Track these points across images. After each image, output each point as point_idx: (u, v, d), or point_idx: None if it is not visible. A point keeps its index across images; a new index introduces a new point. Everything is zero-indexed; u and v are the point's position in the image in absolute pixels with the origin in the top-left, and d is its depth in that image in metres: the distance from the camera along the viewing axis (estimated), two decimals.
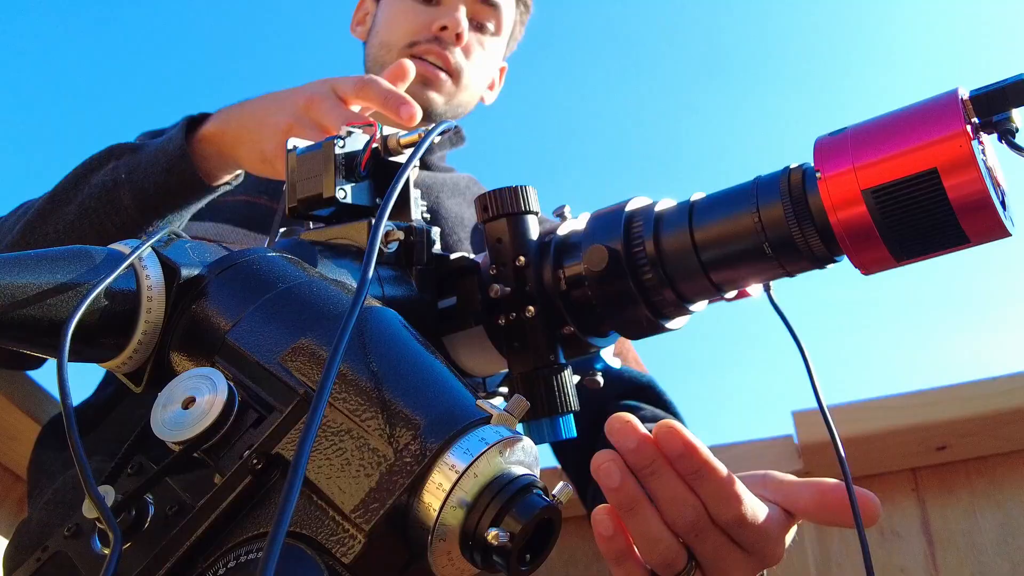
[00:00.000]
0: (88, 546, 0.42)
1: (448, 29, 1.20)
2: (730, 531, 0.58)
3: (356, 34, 1.36)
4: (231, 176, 0.97)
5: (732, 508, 0.57)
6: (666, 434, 0.57)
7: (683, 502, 0.57)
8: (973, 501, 1.34)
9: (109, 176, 0.94)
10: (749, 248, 0.56)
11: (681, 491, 0.57)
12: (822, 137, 0.54)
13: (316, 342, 0.42)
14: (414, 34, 1.22)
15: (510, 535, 0.37)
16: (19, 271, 0.42)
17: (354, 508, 0.38)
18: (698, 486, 0.57)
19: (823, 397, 0.61)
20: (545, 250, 0.63)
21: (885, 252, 0.52)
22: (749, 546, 0.59)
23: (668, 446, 0.57)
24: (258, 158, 0.89)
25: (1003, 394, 1.28)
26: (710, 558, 0.58)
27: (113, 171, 0.95)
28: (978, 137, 0.50)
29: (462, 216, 1.23)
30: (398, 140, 0.63)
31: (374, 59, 1.26)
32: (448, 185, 1.27)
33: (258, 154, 0.88)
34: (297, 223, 0.64)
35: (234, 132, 0.92)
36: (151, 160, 0.93)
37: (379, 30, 1.28)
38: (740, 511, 0.57)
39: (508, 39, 1.36)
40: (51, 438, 1.09)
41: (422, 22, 1.22)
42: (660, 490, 0.57)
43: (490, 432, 0.40)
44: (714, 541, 0.58)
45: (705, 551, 0.58)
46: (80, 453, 0.38)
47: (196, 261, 0.48)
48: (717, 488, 0.57)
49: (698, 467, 0.56)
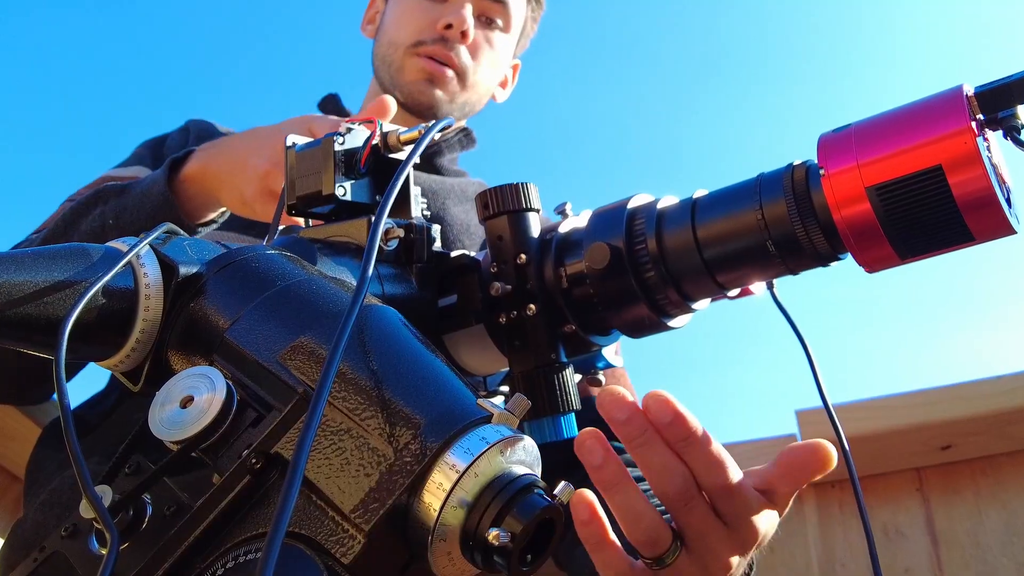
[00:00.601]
0: (85, 546, 0.42)
1: (453, 27, 1.20)
2: (716, 501, 0.59)
3: (366, 33, 1.36)
4: (216, 214, 0.99)
5: (720, 474, 0.58)
6: (656, 403, 0.58)
7: (673, 470, 0.58)
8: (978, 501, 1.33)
9: (97, 222, 0.97)
10: (752, 246, 0.56)
11: (671, 459, 0.58)
12: (826, 134, 0.54)
13: (315, 340, 0.42)
14: (420, 33, 1.22)
15: (511, 535, 0.37)
16: (16, 269, 0.42)
17: (354, 508, 0.37)
18: (687, 453, 0.58)
19: (828, 396, 0.60)
20: (546, 248, 0.62)
21: (889, 250, 0.52)
22: (732, 520, 0.59)
23: (658, 415, 0.58)
24: (239, 201, 0.90)
25: (1008, 393, 1.28)
26: (696, 532, 0.59)
27: (101, 216, 0.97)
28: (983, 134, 0.49)
29: (468, 223, 1.23)
30: (398, 137, 0.63)
31: (382, 58, 1.26)
32: (456, 191, 1.27)
33: (238, 197, 0.89)
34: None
35: (214, 174, 0.93)
36: (137, 204, 0.95)
37: (387, 28, 1.27)
38: (727, 477, 0.58)
39: (519, 36, 1.35)
40: (51, 438, 1.09)
41: (428, 20, 1.22)
42: (651, 459, 0.58)
43: (491, 431, 0.40)
44: (700, 512, 0.59)
45: (691, 523, 0.59)
46: (77, 452, 0.38)
47: (194, 259, 0.47)
48: (705, 455, 0.58)
49: (687, 434, 0.57)
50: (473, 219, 1.24)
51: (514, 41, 1.33)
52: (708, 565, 0.60)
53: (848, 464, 0.59)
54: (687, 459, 0.58)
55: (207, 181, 0.94)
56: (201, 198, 0.95)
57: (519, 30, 1.33)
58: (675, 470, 0.58)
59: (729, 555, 0.60)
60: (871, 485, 1.39)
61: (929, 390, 1.32)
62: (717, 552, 0.60)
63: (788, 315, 0.61)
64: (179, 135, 1.24)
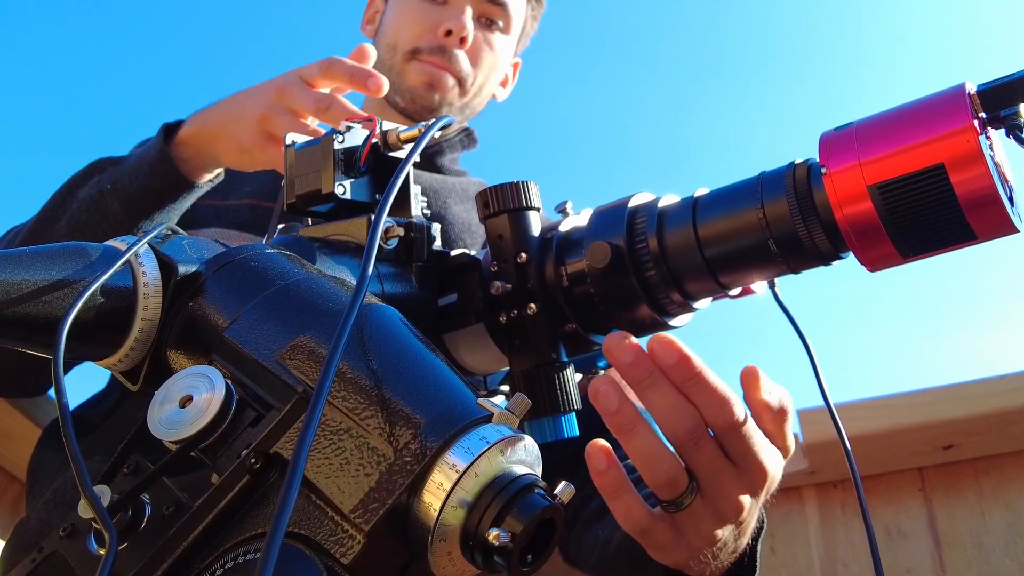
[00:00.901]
0: (84, 547, 0.42)
1: (453, 34, 1.19)
2: (723, 440, 0.60)
3: (365, 33, 1.35)
4: (212, 175, 1.00)
5: (727, 412, 0.59)
6: (661, 345, 0.58)
7: (683, 410, 0.58)
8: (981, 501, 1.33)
9: (95, 189, 0.98)
10: (754, 245, 0.56)
11: (679, 400, 0.59)
12: (827, 132, 0.54)
13: (315, 340, 0.42)
14: (419, 39, 1.21)
15: (511, 535, 0.37)
16: (14, 268, 0.42)
17: (353, 508, 0.37)
18: (694, 393, 0.59)
19: (829, 395, 0.60)
20: (547, 246, 0.62)
21: (891, 249, 0.52)
22: (739, 459, 0.60)
23: (663, 357, 0.58)
24: (236, 150, 0.91)
25: (1011, 392, 1.28)
26: (707, 472, 0.60)
27: (98, 184, 0.98)
28: (985, 132, 0.49)
29: (469, 222, 1.22)
30: (398, 135, 0.62)
31: (381, 62, 1.25)
32: (457, 190, 1.27)
33: (236, 146, 0.91)
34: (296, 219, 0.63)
35: (210, 130, 0.95)
36: (134, 168, 0.97)
37: (385, 31, 1.26)
38: (733, 415, 0.59)
39: (519, 35, 1.34)
40: (52, 439, 1.09)
41: (428, 24, 1.21)
42: (659, 400, 0.59)
43: (491, 431, 0.39)
44: (710, 451, 0.60)
45: (702, 462, 0.60)
46: (76, 451, 0.38)
47: (193, 257, 0.47)
48: (712, 393, 0.59)
49: (694, 374, 0.58)
50: (474, 218, 1.24)
51: (514, 41, 1.33)
52: (719, 505, 0.61)
53: (850, 464, 0.59)
54: (694, 399, 0.59)
55: (203, 139, 0.95)
56: (197, 159, 0.97)
57: (519, 30, 1.33)
58: (684, 410, 0.58)
59: (739, 494, 0.61)
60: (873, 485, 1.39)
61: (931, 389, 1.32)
62: (727, 492, 0.61)
63: (790, 314, 0.61)
64: None
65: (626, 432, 0.59)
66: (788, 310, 0.61)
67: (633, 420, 0.59)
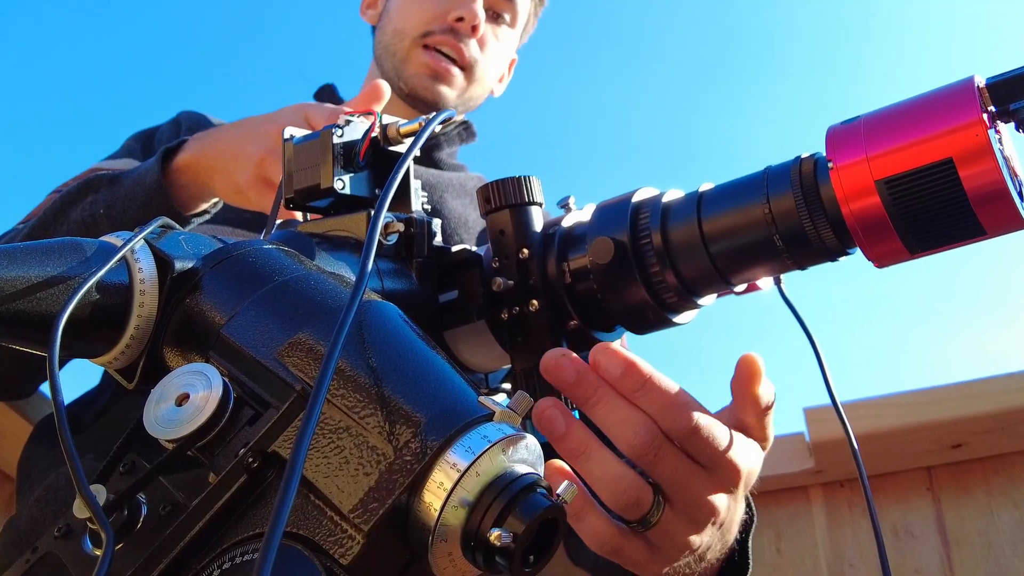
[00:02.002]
0: (79, 547, 0.41)
1: (464, 21, 1.19)
2: (686, 445, 0.56)
3: (366, 18, 1.34)
4: (208, 204, 0.98)
5: (684, 417, 0.55)
6: (604, 357, 0.55)
7: (637, 422, 0.55)
8: (989, 500, 1.32)
9: (88, 212, 0.95)
10: (759, 240, 0.55)
11: (630, 411, 0.55)
12: (834, 126, 0.53)
13: (314, 337, 0.42)
14: (429, 23, 1.20)
15: (513, 535, 0.37)
16: (8, 264, 0.41)
17: (353, 508, 0.37)
18: (646, 403, 0.55)
19: (836, 393, 0.60)
20: (549, 242, 0.62)
21: (899, 244, 0.51)
22: (707, 460, 0.57)
23: (608, 368, 0.55)
24: (232, 189, 0.89)
25: (1019, 390, 1.27)
26: (673, 481, 0.56)
27: (92, 205, 0.95)
28: (995, 126, 0.49)
29: (466, 218, 1.22)
30: (398, 129, 0.62)
31: (386, 47, 1.24)
32: (454, 185, 1.26)
33: (232, 185, 0.88)
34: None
35: (208, 163, 0.92)
36: (129, 193, 0.94)
37: (392, 16, 1.25)
38: (690, 419, 0.55)
39: (521, 31, 1.34)
40: (43, 435, 1.08)
41: (438, 11, 1.20)
42: (609, 415, 0.55)
43: (492, 430, 0.39)
44: (673, 460, 0.56)
45: (665, 472, 0.56)
46: (71, 449, 0.37)
47: (190, 253, 0.47)
48: (665, 400, 0.55)
49: (642, 382, 0.55)
50: (471, 213, 1.24)
51: (517, 36, 1.33)
52: (693, 513, 0.57)
53: (857, 463, 0.58)
54: (647, 408, 0.55)
55: (200, 170, 0.93)
56: (194, 188, 0.94)
57: (523, 25, 1.33)
58: (637, 421, 0.55)
59: (712, 496, 0.58)
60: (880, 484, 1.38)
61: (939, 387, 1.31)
62: (699, 498, 0.57)
63: (796, 311, 0.61)
64: (170, 127, 1.23)
65: (579, 456, 0.56)
66: (794, 307, 0.61)
67: (584, 443, 0.55)
